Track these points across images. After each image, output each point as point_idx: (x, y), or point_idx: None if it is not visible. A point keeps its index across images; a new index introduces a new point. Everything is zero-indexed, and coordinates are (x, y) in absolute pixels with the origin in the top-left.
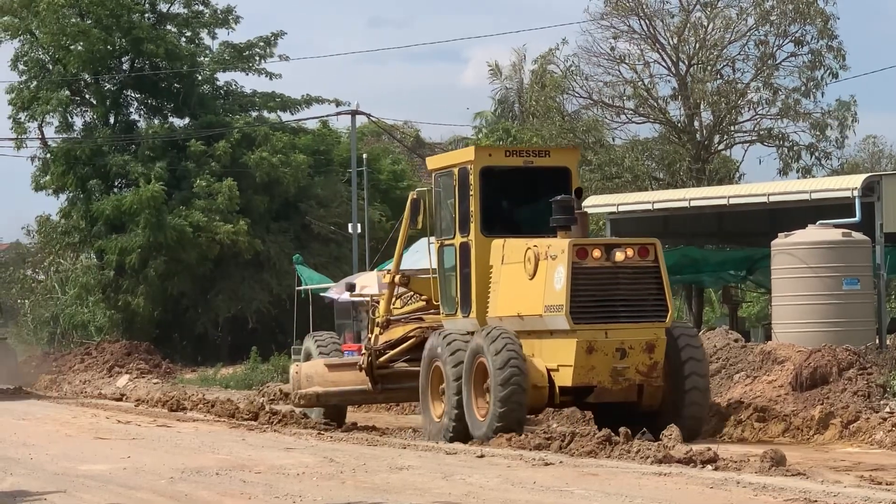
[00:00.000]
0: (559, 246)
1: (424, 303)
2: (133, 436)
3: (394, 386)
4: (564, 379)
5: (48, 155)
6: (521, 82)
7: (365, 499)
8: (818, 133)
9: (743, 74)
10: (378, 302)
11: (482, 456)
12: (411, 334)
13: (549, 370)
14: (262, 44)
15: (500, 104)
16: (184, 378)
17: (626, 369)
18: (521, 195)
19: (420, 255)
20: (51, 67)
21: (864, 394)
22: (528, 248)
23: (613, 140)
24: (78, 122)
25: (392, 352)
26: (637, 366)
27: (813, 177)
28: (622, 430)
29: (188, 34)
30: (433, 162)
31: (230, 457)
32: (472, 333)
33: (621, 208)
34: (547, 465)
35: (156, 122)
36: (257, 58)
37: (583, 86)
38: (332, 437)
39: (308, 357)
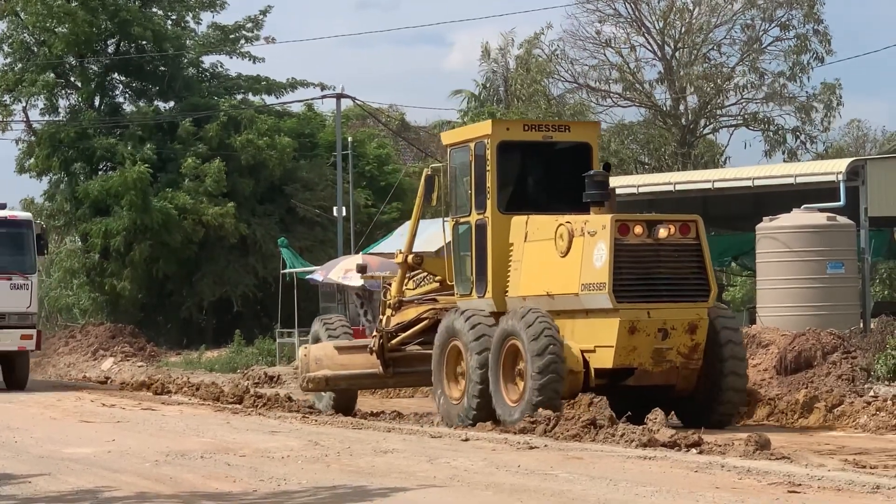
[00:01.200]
0: (599, 222)
1: (438, 284)
2: (118, 419)
3: (406, 370)
4: (603, 361)
5: (33, 137)
6: (507, 66)
7: (350, 482)
8: (803, 116)
9: (729, 58)
10: (390, 284)
11: (467, 440)
12: (424, 315)
13: (583, 352)
14: (249, 24)
15: (485, 87)
16: (168, 361)
17: (667, 350)
18: (540, 171)
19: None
20: (35, 50)
21: (849, 378)
22: (560, 225)
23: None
24: (63, 105)
25: (404, 334)
26: (679, 347)
27: (798, 161)
28: (607, 413)
29: (174, 17)
30: (448, 137)
31: (215, 440)
32: (494, 314)
33: None
34: (532, 448)
35: (141, 104)
36: (243, 40)
37: (568, 70)
38: (316, 421)
39: (317, 341)
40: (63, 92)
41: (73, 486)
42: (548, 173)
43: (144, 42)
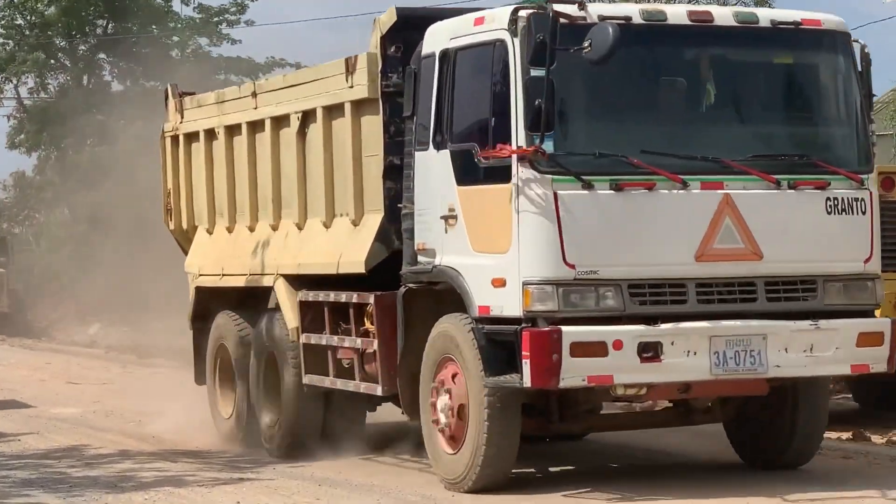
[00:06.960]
0: None
1: None
2: (103, 381)
3: None
4: None
5: (24, 114)
6: None
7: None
8: None
9: None
10: None
11: None
12: None
13: None
14: (234, 8)
15: None
16: (153, 327)
17: None
18: None
19: None
20: (27, 32)
21: None
22: None
23: None
24: (53, 84)
25: None
26: None
27: None
28: None
29: (160, 2)
30: None
31: (195, 402)
32: None
33: None
34: None
35: (128, 83)
36: (225, 24)
37: None
38: None
39: None
40: (53, 72)
41: (59, 443)
42: None
43: (131, 24)
